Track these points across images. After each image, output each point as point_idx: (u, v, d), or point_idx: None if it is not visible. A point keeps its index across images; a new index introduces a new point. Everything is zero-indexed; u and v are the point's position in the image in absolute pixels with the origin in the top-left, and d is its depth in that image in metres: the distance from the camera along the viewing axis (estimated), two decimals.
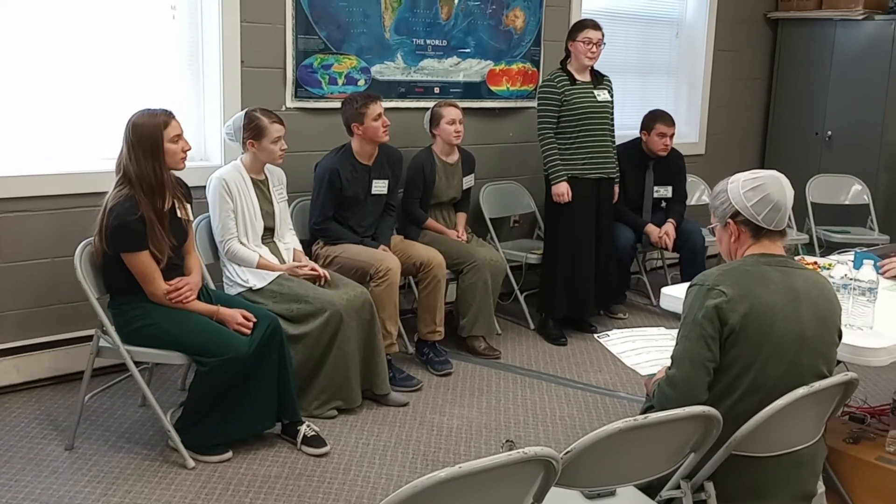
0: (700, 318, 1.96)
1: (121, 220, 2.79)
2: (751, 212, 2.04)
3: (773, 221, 2.04)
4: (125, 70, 3.61)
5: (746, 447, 1.88)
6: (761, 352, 1.94)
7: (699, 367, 1.96)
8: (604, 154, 4.23)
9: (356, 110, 3.65)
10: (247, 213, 3.36)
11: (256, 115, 3.36)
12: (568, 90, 4.15)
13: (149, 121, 2.88)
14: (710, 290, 1.97)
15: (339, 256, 3.67)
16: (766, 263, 2.02)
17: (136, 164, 2.84)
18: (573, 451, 1.62)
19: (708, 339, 1.95)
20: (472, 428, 3.30)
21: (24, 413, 3.25)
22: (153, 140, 2.86)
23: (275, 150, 3.37)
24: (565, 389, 3.72)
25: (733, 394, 1.96)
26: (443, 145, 4.12)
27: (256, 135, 3.34)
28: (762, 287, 1.97)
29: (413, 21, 4.31)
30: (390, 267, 3.57)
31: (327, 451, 3.02)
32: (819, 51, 5.89)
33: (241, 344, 2.88)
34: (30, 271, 3.43)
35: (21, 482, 2.74)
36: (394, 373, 3.63)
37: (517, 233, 4.98)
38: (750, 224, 2.05)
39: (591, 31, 4.14)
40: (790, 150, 6.09)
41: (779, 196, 2.03)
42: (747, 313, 1.93)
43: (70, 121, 3.52)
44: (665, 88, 5.72)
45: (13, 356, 3.42)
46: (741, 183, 2.06)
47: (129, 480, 2.78)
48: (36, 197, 3.40)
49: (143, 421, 3.21)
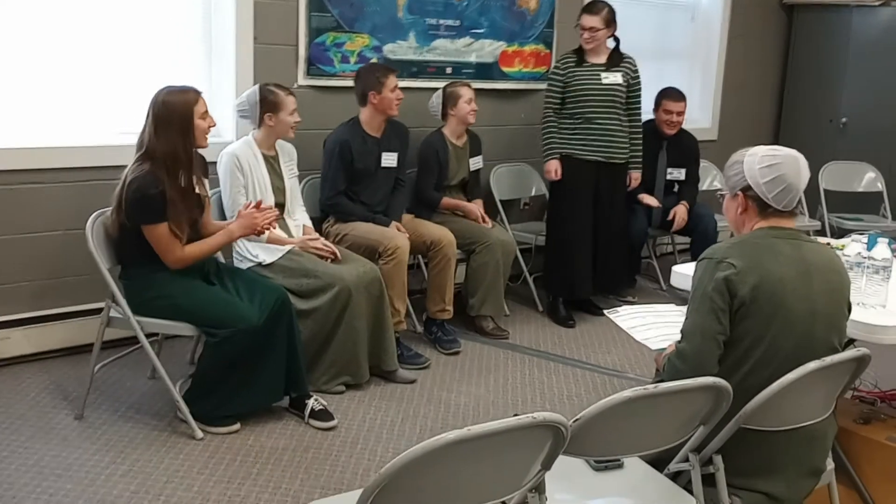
0: (710, 291, 1.94)
1: (141, 192, 2.79)
2: (762, 189, 2.01)
3: (782, 202, 2.02)
4: (140, 45, 3.61)
5: (756, 421, 1.87)
6: (772, 324, 1.93)
7: (710, 340, 1.94)
8: (608, 137, 4.18)
9: (377, 78, 3.66)
10: (258, 188, 3.36)
11: (272, 89, 3.38)
12: (571, 72, 4.13)
13: (180, 97, 2.88)
14: (720, 262, 1.95)
15: (350, 234, 3.67)
16: (776, 236, 2.01)
17: (164, 141, 2.83)
18: (582, 418, 1.61)
19: (718, 311, 1.94)
20: (480, 405, 3.30)
21: (36, 383, 3.28)
22: (185, 117, 2.86)
23: (290, 122, 3.38)
24: (573, 370, 3.72)
25: (744, 366, 1.95)
26: (455, 127, 4.11)
27: (273, 107, 3.35)
28: (772, 259, 1.96)
29: (426, 1, 4.29)
30: (399, 245, 3.57)
31: (335, 424, 3.03)
32: (835, 37, 5.83)
33: (251, 316, 2.89)
34: (43, 243, 3.44)
35: (31, 449, 2.77)
36: (402, 350, 3.64)
37: (527, 215, 4.97)
38: (759, 200, 2.02)
39: (584, 17, 4.12)
40: (804, 136, 6.03)
41: (793, 178, 2.00)
42: (757, 285, 1.92)
43: (85, 95, 3.53)
44: (679, 73, 5.67)
45: (25, 327, 3.44)
46: (758, 158, 2.03)
47: (137, 449, 2.80)
48: (49, 169, 3.41)
49: (152, 392, 3.23)
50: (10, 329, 3.40)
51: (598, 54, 4.17)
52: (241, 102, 3.44)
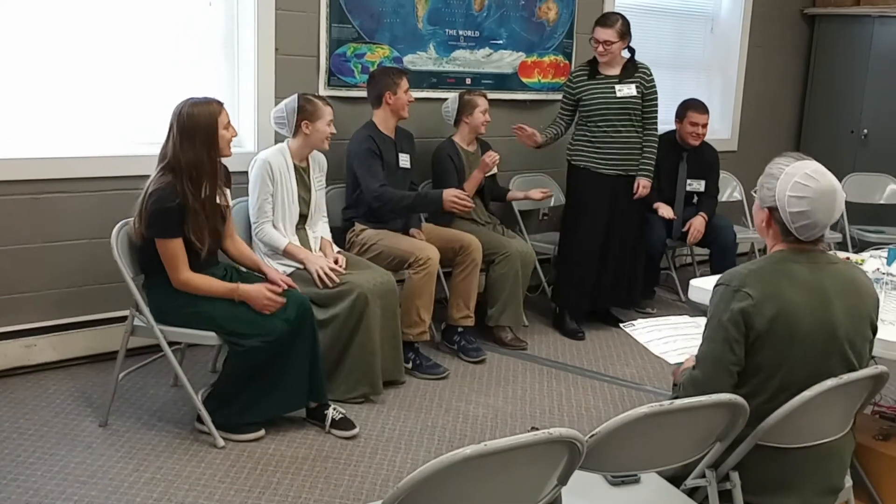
0: (725, 321, 1.91)
1: (159, 205, 2.83)
2: (787, 216, 1.93)
3: (804, 234, 1.94)
4: (163, 56, 3.67)
5: (774, 437, 1.88)
6: (789, 354, 1.90)
7: (722, 370, 1.92)
8: (624, 150, 4.17)
9: (392, 79, 3.72)
10: (285, 198, 3.39)
11: (310, 98, 3.43)
12: (584, 85, 4.12)
13: (204, 109, 2.91)
14: (737, 291, 1.91)
15: (378, 244, 3.68)
16: (795, 261, 1.95)
17: (188, 152, 2.85)
18: (598, 433, 1.63)
19: (732, 342, 1.90)
20: (498, 417, 3.31)
21: (60, 390, 3.33)
22: (209, 128, 2.89)
23: (325, 132, 3.42)
24: (591, 382, 3.72)
25: (760, 396, 1.93)
26: (467, 134, 4.15)
27: (311, 115, 3.38)
28: (790, 286, 1.91)
29: (446, 12, 4.32)
30: (430, 256, 3.60)
31: (356, 433, 3.06)
32: (856, 48, 5.81)
33: (276, 325, 2.93)
34: (68, 252, 3.51)
35: (56, 456, 2.82)
36: (420, 360, 3.67)
37: (546, 225, 4.98)
38: (783, 224, 1.95)
39: (597, 30, 4.08)
40: (825, 147, 6.00)
41: (821, 215, 1.91)
42: (774, 316, 1.88)
43: (109, 105, 3.59)
44: (698, 84, 5.68)
45: (50, 334, 3.50)
46: (792, 183, 1.92)
47: (160, 457, 2.84)
48: (74, 179, 3.47)
49: (174, 400, 3.28)
50: (36, 336, 3.47)
51: (612, 66, 4.15)
52: (279, 110, 3.46)
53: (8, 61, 3.34)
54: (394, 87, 3.72)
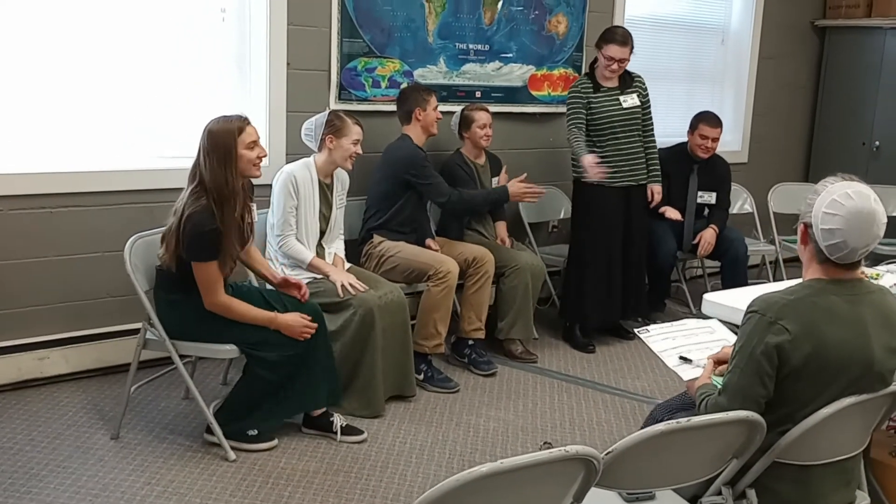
0: (758, 355, 1.83)
1: (198, 229, 2.77)
2: (818, 234, 1.85)
3: (835, 255, 1.85)
4: (175, 71, 3.69)
5: (792, 455, 1.86)
6: (825, 390, 1.86)
7: (751, 402, 1.85)
8: (633, 161, 4.18)
9: (422, 96, 3.77)
10: (307, 213, 3.38)
11: (340, 115, 3.44)
12: (592, 98, 4.11)
13: (223, 127, 2.84)
14: (772, 324, 1.83)
15: (396, 256, 3.69)
16: (834, 293, 1.86)
17: (210, 172, 2.81)
18: (615, 451, 1.62)
19: (764, 376, 1.84)
20: (509, 430, 3.30)
21: (72, 402, 3.34)
22: (226, 147, 2.82)
23: (350, 150, 3.40)
24: (602, 395, 3.71)
25: (788, 423, 1.90)
26: (471, 147, 4.17)
27: (337, 131, 3.38)
28: (829, 322, 1.83)
29: (456, 25, 4.34)
30: (450, 270, 3.60)
31: (365, 437, 3.11)
32: (868, 59, 5.79)
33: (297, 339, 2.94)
34: (81, 265, 3.52)
35: (69, 469, 2.82)
36: (432, 373, 3.66)
37: (555, 237, 4.98)
38: (815, 242, 1.87)
39: (614, 48, 4.02)
40: (836, 159, 5.98)
41: (851, 236, 1.81)
42: (811, 353, 1.81)
43: (121, 119, 3.61)
44: (710, 96, 5.67)
45: (63, 347, 3.51)
46: (829, 200, 1.84)
47: (172, 470, 2.84)
48: (88, 193, 3.49)
49: (185, 413, 3.28)
50: (49, 349, 3.48)
51: (610, 79, 4.16)
52: (308, 123, 3.46)
53: (24, 77, 3.36)
54: (423, 104, 3.77)
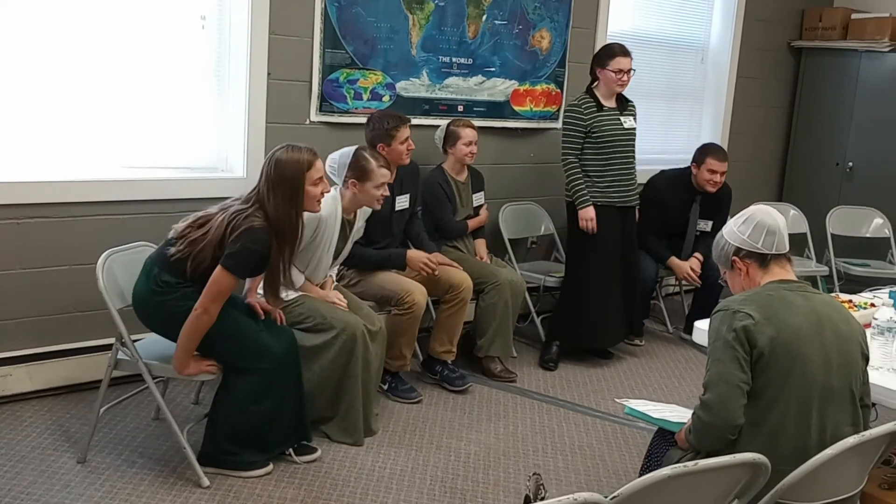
0: (731, 340, 2.00)
1: (254, 246, 2.63)
2: (749, 242, 2.15)
3: (773, 244, 2.14)
4: (152, 79, 3.57)
5: (794, 495, 1.83)
6: (791, 375, 1.99)
7: (734, 387, 1.99)
8: (628, 181, 4.16)
9: (387, 131, 3.57)
10: (324, 249, 3.23)
11: (365, 156, 3.24)
12: (595, 117, 4.07)
13: (292, 157, 2.69)
14: (736, 312, 2.03)
15: (365, 280, 3.61)
16: (787, 289, 2.10)
17: (273, 206, 2.65)
18: (620, 496, 1.56)
19: (741, 359, 1.99)
20: (490, 455, 3.24)
21: (37, 422, 3.20)
22: (294, 182, 2.67)
23: (376, 195, 3.24)
24: (583, 417, 3.66)
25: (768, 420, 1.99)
26: (454, 163, 4.10)
27: (361, 176, 3.22)
28: (787, 310, 2.03)
29: (440, 39, 4.28)
30: (416, 301, 3.51)
31: (319, 454, 3.06)
32: (842, 81, 5.85)
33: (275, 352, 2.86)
34: (47, 278, 3.38)
35: (33, 495, 2.69)
36: (396, 383, 3.65)
37: (534, 254, 4.93)
38: (754, 255, 2.15)
39: (621, 60, 4.03)
40: (810, 180, 6.05)
41: (770, 221, 2.15)
42: (775, 337, 1.98)
43: (93, 128, 3.48)
44: (689, 113, 5.69)
45: (27, 363, 3.37)
46: (731, 222, 2.22)
47: (142, 497, 2.72)
48: (56, 203, 3.35)
49: (156, 435, 3.16)
50: (12, 366, 3.33)
51: (611, 98, 4.14)
52: (332, 158, 3.31)
53: None
54: (388, 140, 3.56)
